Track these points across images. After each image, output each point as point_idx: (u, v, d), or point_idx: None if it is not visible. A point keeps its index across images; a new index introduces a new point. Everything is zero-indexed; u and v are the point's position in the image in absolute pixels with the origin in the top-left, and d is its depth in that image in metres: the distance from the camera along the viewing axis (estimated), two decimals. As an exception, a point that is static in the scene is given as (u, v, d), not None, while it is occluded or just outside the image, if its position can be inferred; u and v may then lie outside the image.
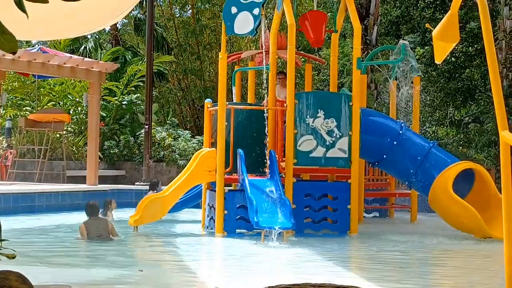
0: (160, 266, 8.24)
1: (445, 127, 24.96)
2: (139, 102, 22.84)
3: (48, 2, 2.68)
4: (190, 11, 27.52)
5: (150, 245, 10.39)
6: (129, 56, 26.09)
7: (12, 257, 3.84)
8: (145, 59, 24.25)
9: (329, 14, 19.11)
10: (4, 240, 3.90)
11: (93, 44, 27.08)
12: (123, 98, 22.63)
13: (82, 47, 26.86)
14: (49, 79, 21.60)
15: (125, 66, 24.35)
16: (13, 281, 3.51)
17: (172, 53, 26.63)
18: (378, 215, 15.09)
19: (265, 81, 11.83)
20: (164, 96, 27.64)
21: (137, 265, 8.42)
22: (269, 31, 12.10)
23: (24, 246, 9.20)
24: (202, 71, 27.32)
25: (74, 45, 26.93)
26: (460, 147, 23.29)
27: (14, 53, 2.84)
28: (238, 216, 11.10)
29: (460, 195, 11.33)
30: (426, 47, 22.87)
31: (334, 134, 11.26)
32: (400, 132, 12.14)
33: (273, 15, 12.76)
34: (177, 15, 27.81)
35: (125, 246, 9.91)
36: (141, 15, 26.82)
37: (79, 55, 22.59)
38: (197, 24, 26.61)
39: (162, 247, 10.09)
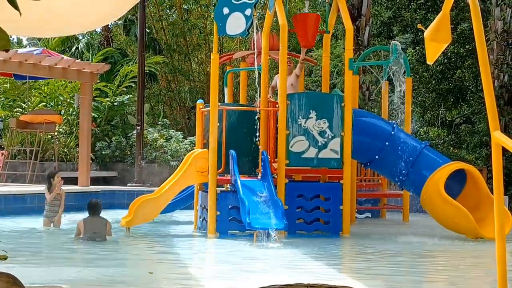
0: (152, 267, 8.22)
1: (436, 128, 25.01)
2: (131, 103, 22.80)
3: (41, -1, 2.68)
4: (177, 12, 27.52)
5: (142, 246, 10.36)
6: (118, 57, 26.04)
7: (4, 258, 3.83)
8: (134, 60, 24.27)
9: (318, 12, 19.12)
10: (-5, 241, 3.89)
11: (83, 45, 27.01)
12: (115, 99, 22.59)
13: (74, 47, 26.79)
14: (37, 80, 21.55)
15: (115, 66, 24.31)
16: (4, 283, 3.50)
17: (163, 53, 26.65)
18: (370, 216, 15.11)
19: (257, 82, 11.83)
20: (154, 97, 27.63)
21: (129, 266, 8.41)
22: (261, 31, 12.10)
23: (15, 247, 9.17)
24: (192, 71, 27.35)
25: (66, 45, 26.86)
26: (451, 148, 23.34)
27: (7, 50, 2.84)
28: (231, 217, 11.09)
29: (452, 195, 11.36)
30: (418, 48, 22.91)
31: (326, 135, 11.27)
32: (392, 132, 12.16)
33: (265, 16, 12.76)
34: (165, 16, 27.78)
35: (118, 247, 9.88)
36: (130, 16, 26.77)
37: (69, 56, 22.56)
38: (185, 24, 26.65)
39: (154, 248, 10.08)
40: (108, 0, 5.60)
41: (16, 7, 2.67)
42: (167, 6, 27.87)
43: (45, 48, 20.85)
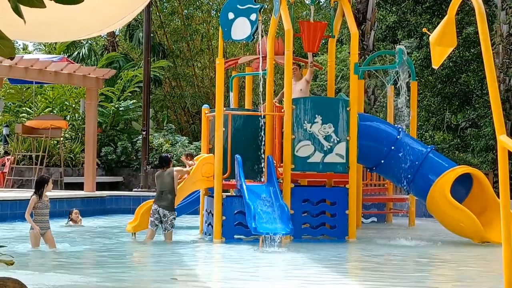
0: (158, 272, 8.22)
1: (441, 132, 24.98)
2: (136, 108, 22.82)
3: (45, 7, 2.68)
4: (179, 17, 27.55)
5: (148, 251, 10.37)
6: (123, 62, 26.03)
7: (11, 263, 3.84)
8: (138, 65, 24.28)
9: (321, 15, 19.10)
10: (2, 246, 3.90)
11: (86, 51, 27.01)
12: (120, 104, 22.61)
13: (75, 53, 26.80)
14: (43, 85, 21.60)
15: (119, 71, 24.36)
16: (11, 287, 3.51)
17: (167, 58, 26.68)
18: (376, 220, 15.09)
19: (261, 87, 11.84)
20: (158, 102, 27.64)
21: (135, 271, 8.41)
22: (266, 36, 12.10)
23: (22, 252, 9.18)
24: (195, 77, 27.39)
25: (71, 50, 26.89)
26: (457, 152, 23.31)
27: (12, 58, 2.85)
28: (236, 222, 11.08)
29: (458, 199, 11.34)
30: (423, 52, 22.90)
31: (332, 139, 11.26)
32: (398, 137, 12.14)
33: (270, 21, 12.77)
34: (167, 22, 27.79)
35: (124, 253, 9.89)
36: (134, 22, 26.78)
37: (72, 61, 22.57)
38: (187, 30, 26.69)
39: (160, 253, 10.07)
40: (113, 5, 5.62)
41: (20, 15, 2.68)
42: (169, 12, 27.91)
43: (65, 56, 20.91)
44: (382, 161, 12.20)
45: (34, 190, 9.61)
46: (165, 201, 10.81)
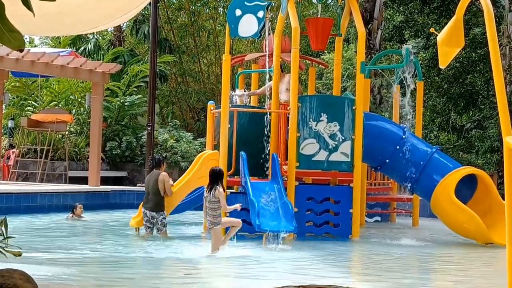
0: (160, 268, 8.24)
1: (446, 133, 24.93)
2: (141, 103, 22.83)
3: (55, 0, 2.70)
4: (186, 13, 27.54)
5: (151, 246, 10.38)
6: (128, 57, 26.01)
7: (18, 254, 3.87)
8: (144, 60, 24.26)
9: (329, 13, 19.06)
10: (10, 237, 3.93)
11: (92, 46, 26.99)
12: (125, 99, 22.63)
13: (82, 48, 26.80)
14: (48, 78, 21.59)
15: (125, 66, 24.35)
16: (18, 279, 3.54)
17: (173, 53, 26.66)
18: (380, 220, 15.09)
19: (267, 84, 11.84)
20: (163, 98, 27.66)
21: (137, 266, 8.43)
22: (273, 34, 12.11)
23: (26, 245, 9.20)
24: (201, 73, 27.39)
25: (77, 45, 26.89)
26: (461, 153, 23.26)
27: (21, 50, 2.87)
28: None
29: (463, 200, 11.33)
30: (429, 52, 22.85)
31: (337, 138, 11.27)
32: (403, 136, 12.14)
33: (277, 18, 12.77)
34: (174, 18, 27.79)
35: (126, 248, 9.91)
36: (140, 17, 26.77)
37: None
38: (194, 26, 26.69)
39: (163, 249, 10.09)
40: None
41: (29, 7, 2.69)
42: (176, 7, 27.92)
43: (73, 50, 20.92)
44: (387, 161, 12.20)
45: (213, 183, 9.08)
46: (150, 203, 11.01)
